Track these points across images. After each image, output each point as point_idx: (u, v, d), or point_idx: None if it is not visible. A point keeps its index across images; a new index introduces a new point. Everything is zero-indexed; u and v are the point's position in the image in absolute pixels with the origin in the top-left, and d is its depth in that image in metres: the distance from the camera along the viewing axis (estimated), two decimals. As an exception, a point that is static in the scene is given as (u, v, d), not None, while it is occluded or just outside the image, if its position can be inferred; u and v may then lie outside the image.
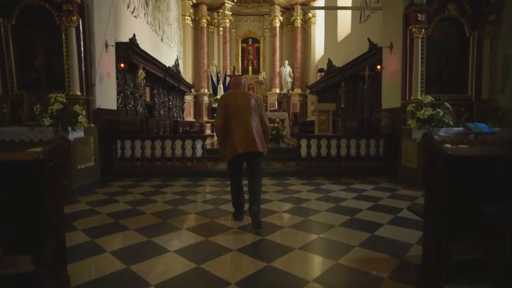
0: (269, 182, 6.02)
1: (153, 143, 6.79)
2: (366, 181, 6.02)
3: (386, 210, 4.06)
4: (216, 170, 6.64)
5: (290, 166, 7.12)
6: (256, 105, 3.55)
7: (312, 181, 6.07)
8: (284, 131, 9.23)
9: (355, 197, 4.78)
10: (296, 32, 17.73)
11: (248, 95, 3.59)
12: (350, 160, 6.87)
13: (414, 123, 5.51)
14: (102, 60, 6.49)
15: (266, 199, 4.68)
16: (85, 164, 5.87)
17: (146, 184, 5.86)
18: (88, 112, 6.03)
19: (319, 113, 8.61)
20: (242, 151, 3.37)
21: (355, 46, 10.86)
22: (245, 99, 3.52)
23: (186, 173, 6.60)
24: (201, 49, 17.71)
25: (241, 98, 3.52)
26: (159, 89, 11.78)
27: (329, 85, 12.98)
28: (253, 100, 3.57)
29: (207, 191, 5.30)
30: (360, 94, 10.04)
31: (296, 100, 17.72)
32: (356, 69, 9.46)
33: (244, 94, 3.59)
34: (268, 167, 7.10)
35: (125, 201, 4.55)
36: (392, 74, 6.76)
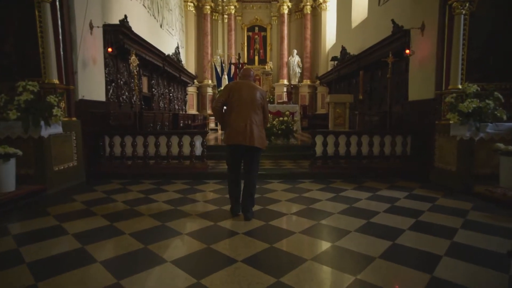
0: (280, 186, 5.13)
1: (146, 140, 5.93)
2: (395, 186, 5.09)
3: (435, 231, 3.15)
4: (218, 171, 5.77)
5: (303, 166, 6.21)
6: (261, 98, 3.55)
7: (330, 185, 5.17)
8: (295, 125, 8.31)
9: (388, 209, 3.86)
10: (305, 19, 16.63)
11: (254, 88, 3.57)
12: (373, 160, 5.94)
13: (455, 117, 4.55)
14: (86, 44, 5.61)
15: (277, 212, 3.79)
16: (65, 164, 5.04)
17: (136, 188, 5.01)
18: (68, 104, 5.19)
19: (335, 105, 7.67)
20: (238, 143, 3.39)
21: (373, 31, 9.81)
22: (250, 91, 3.51)
23: (183, 175, 5.74)
24: (205, 37, 16.71)
25: (247, 89, 3.52)
26: (158, 79, 10.89)
27: (342, 75, 11.97)
28: (258, 93, 3.55)
29: (207, 199, 4.43)
30: (378, 85, 9.05)
31: (305, 91, 16.70)
32: (375, 56, 8.45)
33: (250, 86, 3.57)
34: (278, 167, 6.21)
35: (103, 214, 3.69)
36: (423, 60, 5.78)
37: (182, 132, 6.06)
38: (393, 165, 5.90)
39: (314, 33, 16.65)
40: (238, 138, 3.37)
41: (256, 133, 3.41)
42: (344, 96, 7.79)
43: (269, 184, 5.25)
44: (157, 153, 5.93)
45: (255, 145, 3.39)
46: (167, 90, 12.14)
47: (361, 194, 4.60)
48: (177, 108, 13.19)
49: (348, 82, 11.90)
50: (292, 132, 8.07)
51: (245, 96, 3.46)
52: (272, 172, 5.76)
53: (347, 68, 11.08)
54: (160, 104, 11.09)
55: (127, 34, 7.07)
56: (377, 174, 5.76)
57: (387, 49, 7.64)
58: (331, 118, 7.71)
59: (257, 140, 3.41)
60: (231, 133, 3.43)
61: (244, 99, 3.45)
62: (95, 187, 5.04)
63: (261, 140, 3.47)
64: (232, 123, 3.45)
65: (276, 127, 7.93)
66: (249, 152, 3.48)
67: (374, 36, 9.35)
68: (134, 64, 6.82)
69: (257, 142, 3.40)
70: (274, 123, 8.02)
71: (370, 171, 5.81)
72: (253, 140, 3.37)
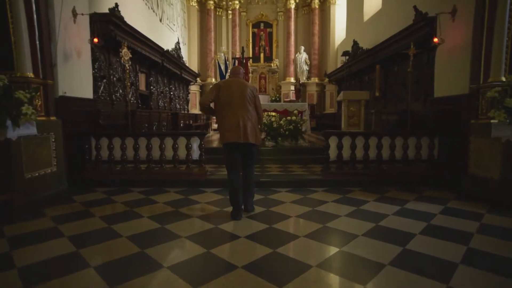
0: (288, 196, 4.40)
1: (137, 142, 5.24)
2: (424, 197, 4.33)
3: (498, 265, 2.40)
4: (218, 178, 5.05)
5: (315, 172, 5.47)
6: (251, 95, 3.53)
7: (348, 196, 4.42)
8: (304, 125, 7.57)
9: (424, 230, 3.11)
10: (313, 14, 15.85)
11: (244, 85, 3.54)
12: (395, 165, 5.18)
13: (501, 115, 3.77)
14: (68, 33, 4.94)
15: (286, 233, 3.07)
16: (41, 171, 4.37)
17: (121, 198, 4.32)
18: (45, 101, 4.53)
19: (348, 103, 6.91)
20: (233, 141, 3.39)
21: (388, 23, 9.02)
22: (240, 88, 3.49)
23: (178, 182, 5.03)
24: (208, 34, 16.03)
25: (237, 87, 3.50)
26: (157, 76, 10.23)
27: (353, 72, 11.19)
28: (249, 90, 3.52)
29: (203, 213, 3.71)
30: (394, 81, 8.26)
31: (313, 90, 15.92)
32: (392, 49, 7.67)
33: (240, 83, 3.55)
34: (286, 172, 5.47)
35: (73, 235, 3.00)
36: (455, 49, 5.00)
37: (177, 134, 5.36)
38: (418, 170, 5.13)
39: (322, 29, 15.87)
40: (233, 136, 3.38)
41: (250, 129, 3.42)
42: (359, 93, 7.03)
43: (275, 194, 4.53)
44: (149, 157, 5.24)
45: (250, 141, 3.41)
46: (168, 89, 11.48)
47: (385, 207, 3.85)
48: (178, 108, 12.53)
49: (360, 80, 11.12)
50: (301, 133, 7.33)
51: (236, 93, 3.46)
52: (279, 179, 5.04)
53: (359, 64, 10.30)
54: (159, 103, 10.43)
55: (119, 25, 6.40)
56: (400, 181, 5.00)
57: (407, 41, 6.85)
58: (344, 117, 6.95)
59: (251, 136, 3.42)
60: (225, 131, 3.44)
61: (234, 97, 3.45)
62: (75, 197, 4.36)
63: (255, 136, 3.49)
64: (225, 121, 3.46)
65: (283, 127, 7.20)
66: (244, 148, 3.50)
67: (390, 28, 8.57)
68: (126, 57, 6.13)
69: (251, 138, 3.42)
70: (281, 122, 7.29)
71: (391, 178, 5.05)
72: (247, 137, 3.39)
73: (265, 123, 7.30)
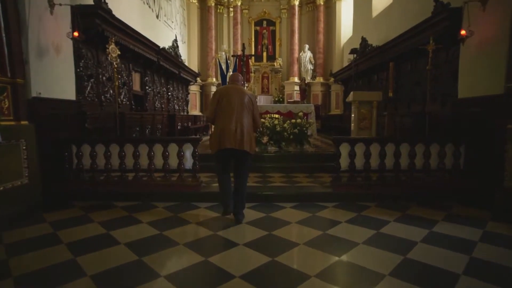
0: (294, 214, 3.78)
1: (122, 149, 4.64)
2: (454, 217, 3.68)
3: None
4: (213, 191, 4.43)
5: (323, 182, 4.84)
6: (250, 102, 3.51)
7: (363, 214, 3.79)
8: (310, 129, 6.94)
9: (468, 268, 2.46)
10: (318, 11, 15.19)
11: (243, 92, 3.53)
12: (414, 175, 4.54)
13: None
14: (43, 26, 4.35)
15: (290, 269, 2.44)
16: (8, 183, 3.77)
17: (100, 217, 3.71)
18: (14, 103, 3.94)
19: (359, 105, 6.27)
20: (229, 147, 3.34)
21: (401, 18, 8.39)
22: (239, 95, 3.47)
23: (169, 195, 4.42)
24: (209, 32, 15.43)
25: (236, 94, 3.47)
26: (153, 76, 9.64)
27: (360, 71, 10.54)
28: (247, 97, 3.51)
29: (193, 239, 3.10)
30: (406, 81, 7.61)
31: (317, 90, 15.26)
32: (406, 45, 7.03)
33: (239, 90, 3.54)
34: (291, 184, 4.85)
35: (25, 273, 2.40)
36: (486, 43, 4.35)
37: (168, 140, 4.74)
38: (442, 182, 4.49)
39: (327, 26, 15.21)
40: (229, 142, 3.33)
41: (246, 137, 3.38)
42: (371, 94, 6.38)
43: (279, 211, 3.91)
44: (136, 165, 4.64)
45: (245, 149, 3.36)
46: (165, 89, 10.89)
47: (411, 231, 3.22)
48: (177, 109, 11.94)
49: (368, 79, 10.47)
50: (307, 137, 6.70)
51: (234, 100, 3.43)
52: (284, 192, 4.42)
53: (368, 62, 9.65)
54: (155, 104, 9.84)
55: (106, 18, 5.80)
56: (422, 194, 4.37)
57: (424, 35, 6.22)
58: (354, 120, 6.32)
59: (247, 144, 3.38)
60: (221, 138, 3.37)
61: (233, 103, 3.42)
62: (46, 215, 3.77)
63: (250, 145, 3.45)
64: (222, 128, 3.39)
65: (287, 131, 6.58)
66: (238, 155, 3.45)
67: (403, 23, 7.93)
68: (113, 54, 5.53)
69: (246, 146, 3.37)
70: (285, 126, 6.67)
71: (412, 191, 4.42)
72: (242, 144, 3.35)
73: (268, 126, 6.69)
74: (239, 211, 3.56)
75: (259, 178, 5.25)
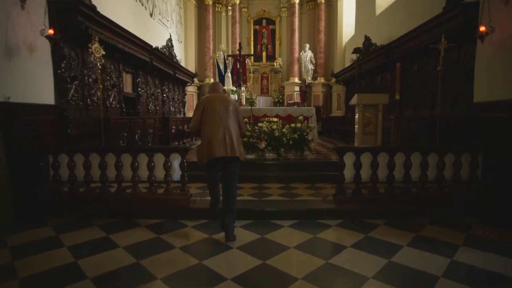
0: (293, 236, 3.33)
1: (103, 159, 4.19)
2: (475, 239, 3.22)
3: None
4: (203, 207, 3.97)
5: (326, 196, 4.38)
6: (234, 109, 3.50)
7: (370, 234, 3.34)
8: (311, 133, 6.48)
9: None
10: (318, 9, 14.72)
11: (227, 100, 3.54)
12: (426, 188, 4.09)
13: None
14: (12, 23, 3.92)
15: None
16: (-31, 201, 3.33)
17: (71, 239, 3.27)
18: (-23, 110, 3.48)
19: (363, 108, 5.81)
20: (219, 156, 3.26)
21: (407, 16, 7.93)
22: (223, 103, 3.45)
23: (154, 211, 3.98)
24: (206, 31, 14.97)
25: (220, 102, 3.45)
26: (146, 77, 9.19)
27: (363, 71, 10.08)
28: (232, 105, 3.50)
29: (175, 270, 2.65)
30: (412, 82, 7.15)
31: (318, 91, 14.79)
32: (415, 43, 6.57)
33: (223, 98, 3.54)
34: (289, 196, 4.40)
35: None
36: (509, 40, 3.89)
37: (154, 149, 4.29)
38: (458, 196, 4.03)
39: (328, 25, 14.74)
40: (219, 150, 3.27)
41: (236, 144, 3.35)
42: (377, 96, 5.91)
43: (276, 231, 3.46)
44: (119, 177, 4.19)
45: (236, 155, 3.32)
46: (160, 90, 10.45)
47: (428, 260, 2.76)
48: (173, 111, 11.50)
49: (371, 79, 10.01)
50: (307, 142, 6.25)
51: (219, 108, 3.41)
52: (282, 207, 3.96)
53: (372, 62, 9.19)
54: (149, 107, 9.39)
55: (90, 15, 5.36)
56: (436, 210, 3.91)
57: (434, 33, 5.77)
58: (359, 125, 5.86)
59: (238, 150, 3.35)
60: (210, 147, 3.30)
61: (218, 112, 3.40)
62: (12, 237, 3.32)
63: (241, 151, 3.42)
64: (209, 137, 3.33)
65: (286, 136, 6.14)
66: (228, 162, 3.38)
67: (409, 21, 7.48)
68: (97, 54, 5.09)
69: (238, 153, 3.34)
70: (284, 131, 6.22)
71: (424, 206, 3.96)
72: (234, 151, 3.31)
73: (265, 131, 6.24)
74: (229, 226, 3.32)
75: (255, 189, 4.80)
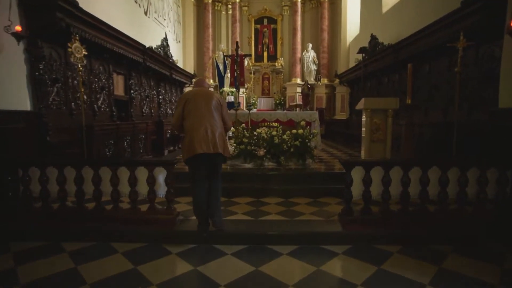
0: (292, 268, 2.83)
1: (79, 173, 3.71)
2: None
3: None
4: (191, 230, 3.47)
5: (331, 214, 3.87)
6: (218, 104, 3.41)
7: (383, 267, 2.82)
8: (314, 140, 5.98)
9: None
10: (322, 7, 14.19)
11: (210, 95, 3.44)
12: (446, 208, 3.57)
13: None
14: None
15: None
16: None
17: (32, 271, 2.77)
18: None
19: (371, 113, 5.29)
20: (201, 152, 3.18)
21: (416, 13, 7.43)
22: (206, 98, 3.37)
23: (135, 234, 3.48)
24: (205, 30, 14.48)
25: (202, 97, 3.37)
26: (140, 78, 8.73)
27: (368, 72, 9.55)
28: (215, 99, 3.41)
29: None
30: (423, 84, 6.63)
31: (321, 92, 14.25)
32: (428, 42, 6.05)
33: (206, 93, 3.44)
34: (289, 214, 3.89)
35: None
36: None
37: (135, 162, 3.80)
38: (484, 217, 3.51)
39: (332, 24, 14.22)
40: (202, 147, 3.18)
41: (220, 140, 3.27)
42: (386, 101, 5.39)
43: (273, 261, 2.96)
44: (96, 193, 3.71)
45: (219, 151, 3.24)
46: (155, 92, 9.99)
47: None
48: (170, 113, 11.02)
49: (378, 81, 9.49)
50: (310, 150, 5.74)
51: (201, 103, 3.32)
52: (280, 231, 3.44)
53: (379, 62, 8.67)
54: (143, 110, 8.94)
55: (71, 12, 4.88)
56: (458, 234, 3.39)
57: (450, 31, 5.25)
58: (366, 131, 5.34)
59: (220, 146, 3.27)
60: (192, 143, 3.21)
61: (200, 107, 3.31)
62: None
63: (224, 146, 3.33)
64: (191, 133, 3.25)
65: (287, 144, 5.64)
66: (211, 159, 3.28)
67: (418, 18, 6.98)
68: (78, 55, 4.62)
69: (220, 148, 3.26)
70: (284, 137, 5.72)
71: (444, 229, 3.45)
72: (216, 147, 3.23)
73: (264, 137, 5.75)
74: (215, 212, 3.34)
75: (252, 205, 4.30)
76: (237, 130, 6.12)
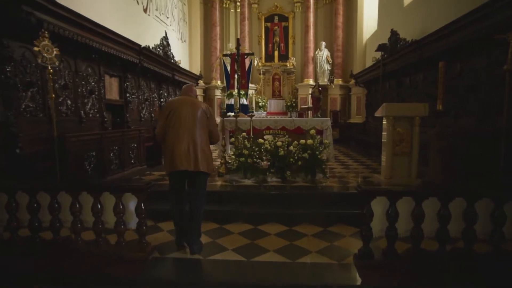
0: None
1: (33, 199, 3.02)
2: None
3: None
4: (167, 269, 2.73)
5: (344, 254, 3.02)
6: (203, 116, 3.18)
7: None
8: (325, 152, 5.14)
9: None
10: (336, 3, 13.21)
11: (196, 105, 3.21)
12: (501, 252, 2.70)
13: None
14: None
15: None
16: None
17: None
18: None
19: (394, 121, 4.42)
20: (182, 169, 2.98)
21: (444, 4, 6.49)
22: (191, 108, 3.14)
23: (97, 279, 2.76)
24: (213, 29, 13.77)
25: (187, 107, 3.14)
26: (138, 80, 8.08)
27: (387, 72, 8.61)
28: (201, 111, 3.17)
29: None
30: (458, 84, 5.65)
31: (335, 94, 13.30)
32: (462, 35, 5.12)
33: (191, 102, 3.21)
34: (290, 253, 3.05)
35: None
36: None
37: (100, 187, 3.08)
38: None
39: (347, 20, 13.24)
40: (182, 163, 2.96)
41: (201, 156, 3.04)
42: (412, 107, 4.48)
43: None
44: (55, 224, 3.02)
45: (200, 170, 3.02)
46: (156, 95, 9.34)
47: None
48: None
49: (398, 82, 8.53)
50: (321, 163, 4.92)
51: (185, 114, 3.08)
52: (277, 280, 2.64)
53: (400, 61, 7.72)
54: (141, 114, 8.29)
55: (42, 5, 4.21)
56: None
57: (492, 21, 4.32)
58: (388, 143, 4.47)
59: (202, 163, 3.03)
60: (173, 158, 3.00)
61: (184, 118, 3.07)
62: None
63: (207, 163, 3.10)
64: (172, 147, 3.02)
65: (294, 156, 4.84)
66: (193, 176, 3.08)
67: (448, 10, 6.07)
68: (47, 55, 3.96)
69: (202, 166, 3.03)
70: (291, 148, 4.93)
71: (497, 280, 2.58)
72: (197, 165, 3.00)
73: (268, 148, 4.97)
74: (195, 240, 3.08)
75: (246, 236, 3.50)
76: (237, 140, 5.36)
